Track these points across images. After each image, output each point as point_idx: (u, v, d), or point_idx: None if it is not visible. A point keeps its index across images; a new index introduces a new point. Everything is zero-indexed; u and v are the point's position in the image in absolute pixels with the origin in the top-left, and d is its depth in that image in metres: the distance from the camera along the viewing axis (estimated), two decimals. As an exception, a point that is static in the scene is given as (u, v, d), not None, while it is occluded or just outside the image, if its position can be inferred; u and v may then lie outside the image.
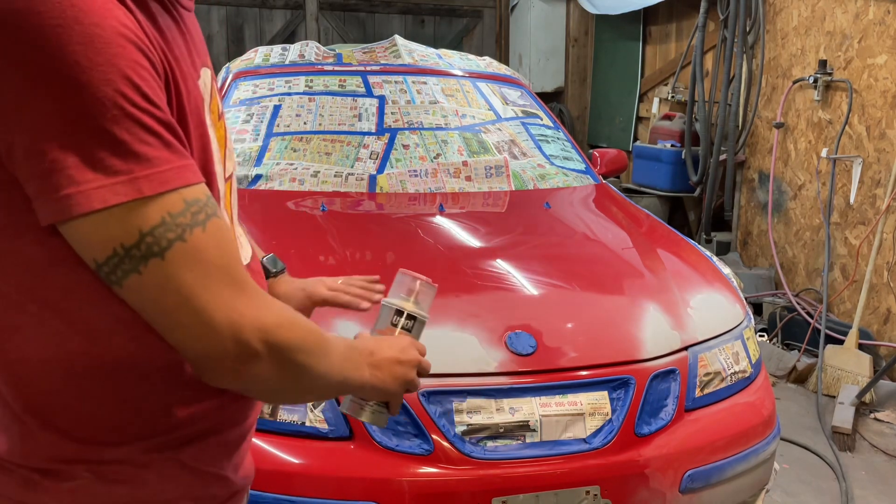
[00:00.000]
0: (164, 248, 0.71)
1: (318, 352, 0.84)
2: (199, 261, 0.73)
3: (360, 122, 2.96)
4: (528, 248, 2.42)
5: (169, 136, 0.72)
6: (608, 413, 1.86)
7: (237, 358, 0.76)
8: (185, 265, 0.72)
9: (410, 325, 1.09)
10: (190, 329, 0.74)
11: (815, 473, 3.01)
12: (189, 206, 0.73)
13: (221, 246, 0.75)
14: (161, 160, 0.71)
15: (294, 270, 2.17)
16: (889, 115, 3.76)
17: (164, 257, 0.71)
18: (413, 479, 1.73)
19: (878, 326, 3.84)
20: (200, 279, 0.73)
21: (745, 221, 5.04)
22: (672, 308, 2.09)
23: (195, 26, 0.89)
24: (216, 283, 0.74)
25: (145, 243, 0.70)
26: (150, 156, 0.70)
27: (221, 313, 0.74)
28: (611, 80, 6.57)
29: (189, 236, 0.72)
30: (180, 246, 0.72)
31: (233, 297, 0.75)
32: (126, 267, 0.71)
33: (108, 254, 0.70)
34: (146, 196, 0.70)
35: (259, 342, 0.76)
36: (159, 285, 0.72)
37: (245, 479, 0.97)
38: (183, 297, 0.72)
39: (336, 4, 7.10)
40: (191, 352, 0.76)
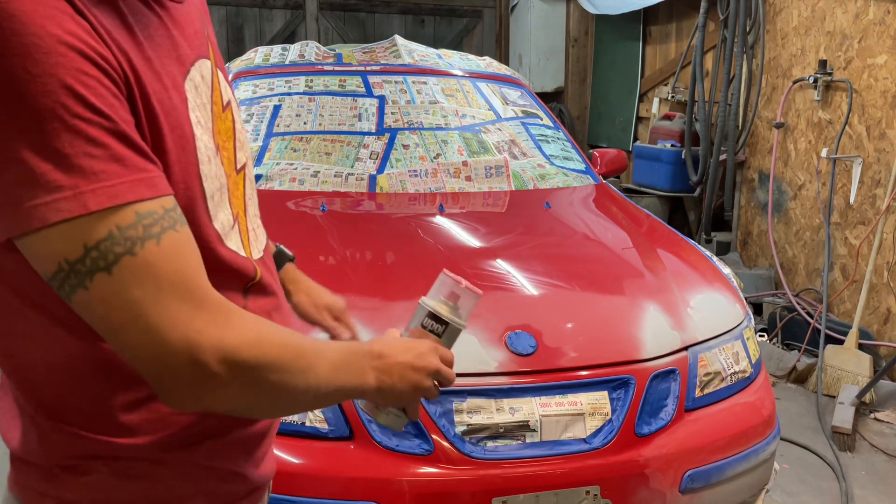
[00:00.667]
0: (110, 263, 0.68)
1: (296, 367, 0.78)
2: (151, 276, 0.69)
3: (360, 122, 2.96)
4: (528, 248, 2.42)
5: (120, 147, 0.69)
6: (608, 413, 1.86)
7: (194, 381, 0.72)
8: (134, 281, 0.68)
9: (441, 331, 1.01)
10: (142, 349, 0.70)
11: (815, 473, 3.01)
12: (141, 218, 0.69)
13: (178, 260, 0.71)
14: (109, 174, 0.68)
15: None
16: (889, 115, 3.76)
17: (110, 272, 0.68)
18: (413, 479, 1.73)
19: (878, 326, 3.84)
20: (152, 295, 0.69)
21: (745, 221, 5.04)
22: (672, 308, 2.09)
23: (188, 19, 0.86)
24: (171, 299, 0.70)
25: (90, 258, 0.67)
26: (95, 169, 0.67)
27: (176, 332, 0.70)
28: (611, 80, 6.57)
29: (140, 250, 0.68)
30: (128, 260, 0.68)
31: (191, 314, 0.70)
32: (72, 282, 0.68)
33: (54, 269, 0.68)
34: (92, 211, 0.67)
35: (218, 363, 0.71)
36: (106, 301, 0.68)
37: (265, 477, 0.97)
38: (132, 314, 0.69)
39: (336, 4, 7.10)
40: (145, 373, 0.72)
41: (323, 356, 0.83)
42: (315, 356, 0.82)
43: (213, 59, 0.89)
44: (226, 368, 0.72)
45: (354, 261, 2.23)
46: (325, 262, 2.21)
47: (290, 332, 0.81)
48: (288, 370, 0.77)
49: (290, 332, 0.81)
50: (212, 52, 0.90)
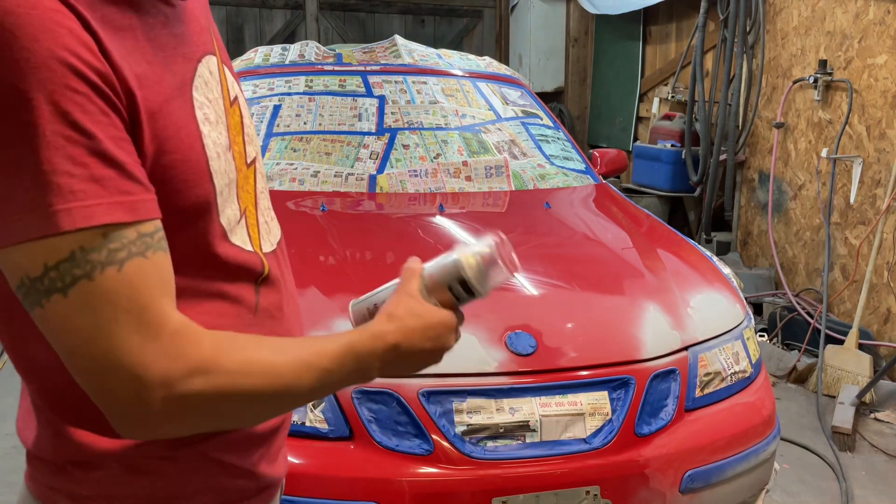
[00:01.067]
0: (67, 285, 0.67)
1: (259, 393, 0.76)
2: (106, 302, 0.67)
3: (360, 122, 2.96)
4: (528, 248, 2.41)
5: (101, 167, 0.68)
6: (608, 413, 1.86)
7: (140, 414, 0.70)
8: (88, 306, 0.67)
9: (466, 300, 0.93)
10: (89, 376, 0.69)
11: (815, 473, 3.01)
12: (108, 242, 0.67)
13: (138, 288, 0.69)
14: (85, 194, 0.66)
15: (294, 270, 2.18)
16: (889, 115, 3.76)
17: (66, 294, 0.67)
18: (413, 479, 1.73)
19: (879, 326, 3.84)
20: (104, 323, 0.68)
21: (745, 221, 5.04)
22: (672, 308, 2.09)
23: (193, 16, 0.86)
24: (122, 328, 0.68)
25: (49, 278, 0.67)
26: (72, 188, 0.66)
27: (123, 363, 0.68)
28: (611, 80, 6.57)
29: (98, 275, 0.67)
30: (85, 284, 0.67)
31: (142, 345, 0.69)
32: (31, 298, 0.68)
33: (16, 283, 0.68)
34: (61, 231, 0.66)
35: (163, 400, 0.70)
36: (58, 322, 0.68)
37: (277, 476, 0.96)
38: (81, 339, 0.68)
39: (336, 4, 7.10)
40: (94, 400, 0.71)
41: (313, 367, 0.79)
42: (298, 371, 0.78)
43: (219, 54, 0.90)
44: (171, 403, 0.70)
45: (354, 261, 2.23)
46: (325, 262, 2.21)
47: (264, 349, 0.78)
48: (250, 393, 0.75)
49: (263, 350, 0.78)
50: (217, 47, 0.90)
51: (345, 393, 1.78)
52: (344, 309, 2.09)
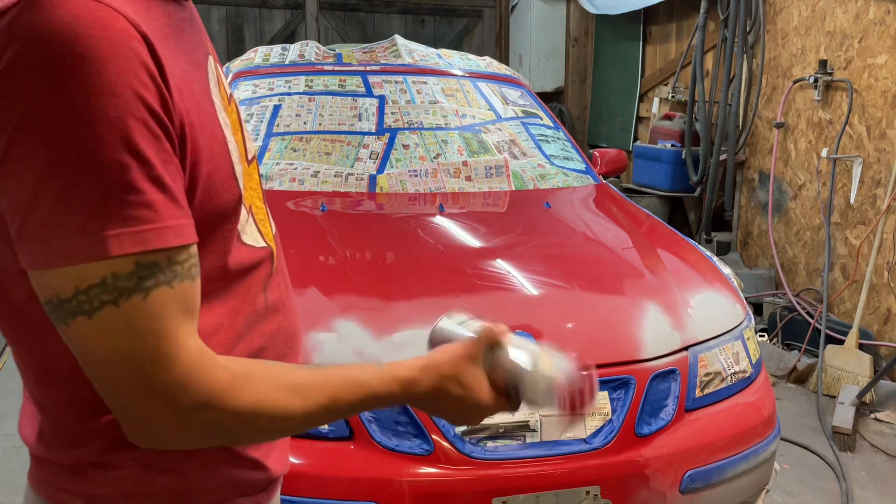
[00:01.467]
0: (93, 309, 0.68)
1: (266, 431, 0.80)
2: (126, 329, 0.69)
3: (360, 121, 2.96)
4: (529, 248, 2.41)
5: (154, 193, 0.69)
6: (608, 413, 1.86)
7: (150, 432, 0.74)
8: (109, 330, 0.69)
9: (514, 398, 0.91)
10: (105, 391, 0.72)
11: (815, 473, 3.01)
12: (139, 270, 0.69)
13: (159, 318, 0.70)
14: (137, 220, 0.68)
15: (294, 270, 2.18)
16: (889, 115, 3.76)
17: (90, 317, 0.69)
18: (413, 479, 1.73)
19: (879, 326, 3.84)
20: (122, 348, 0.69)
21: (745, 221, 5.04)
22: (672, 308, 2.09)
23: (195, 15, 0.87)
24: (139, 353, 0.70)
25: (77, 300, 0.68)
26: (126, 215, 0.67)
27: (137, 386, 0.71)
28: (611, 80, 6.57)
29: (124, 302, 0.69)
30: (110, 310, 0.68)
31: (155, 373, 0.71)
32: (57, 315, 0.69)
33: (45, 300, 0.70)
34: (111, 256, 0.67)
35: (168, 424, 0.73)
36: (80, 342, 0.70)
37: (283, 471, 0.97)
38: (100, 359, 0.70)
39: (336, 4, 7.10)
40: (110, 407, 0.74)
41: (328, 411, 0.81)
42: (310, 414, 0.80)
43: (213, 52, 0.90)
44: (180, 429, 0.74)
45: (354, 261, 2.23)
46: (325, 262, 2.21)
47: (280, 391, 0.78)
48: (257, 431, 0.79)
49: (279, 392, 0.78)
50: (210, 45, 0.91)
51: (345, 393, 1.78)
52: (344, 309, 2.09)
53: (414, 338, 1.87)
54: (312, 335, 1.87)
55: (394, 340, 1.86)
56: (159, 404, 0.72)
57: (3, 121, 0.65)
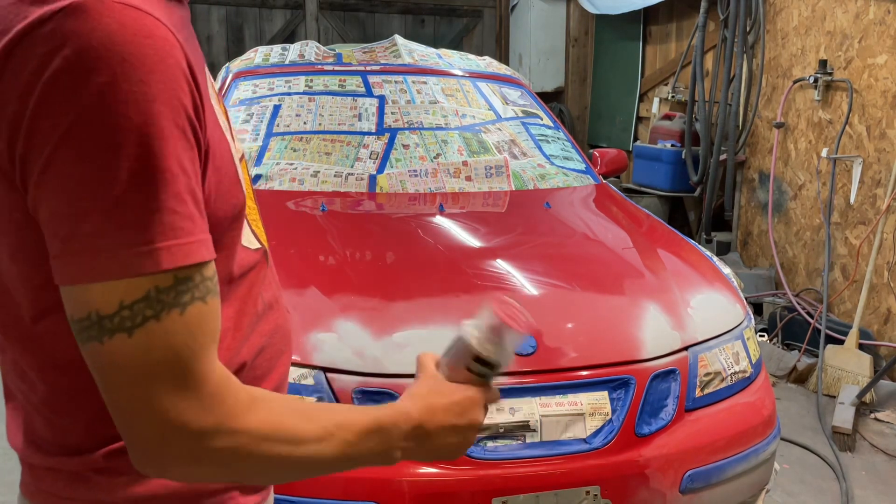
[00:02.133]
0: (136, 325, 0.66)
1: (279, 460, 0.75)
2: (164, 345, 0.67)
3: (359, 121, 2.96)
4: (529, 248, 2.41)
5: (193, 205, 0.68)
6: (608, 413, 1.86)
7: (159, 458, 0.70)
8: (147, 347, 0.67)
9: (489, 373, 0.91)
10: (123, 412, 0.69)
11: (815, 473, 3.01)
12: (178, 283, 0.67)
13: (193, 334, 0.69)
14: (184, 231, 0.67)
15: (294, 270, 2.18)
16: (889, 115, 3.76)
17: (131, 334, 0.66)
18: (413, 479, 1.73)
19: (879, 326, 3.84)
20: (154, 365, 0.67)
21: (745, 221, 5.04)
22: (672, 308, 2.09)
23: None
24: (169, 373, 0.68)
25: (120, 316, 0.66)
26: (174, 226, 0.66)
27: (161, 405, 0.68)
28: (611, 80, 6.57)
29: (165, 316, 0.67)
30: (152, 325, 0.67)
31: (182, 392, 0.68)
32: (90, 333, 0.66)
33: (81, 316, 0.67)
34: (162, 270, 0.66)
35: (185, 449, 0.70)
36: (112, 360, 0.67)
37: None
38: (128, 377, 0.67)
39: (336, 4, 7.10)
40: (120, 431, 0.71)
41: (336, 438, 0.79)
42: (321, 441, 0.78)
43: None
44: (194, 455, 0.71)
45: (354, 261, 2.23)
46: (325, 262, 2.21)
47: (294, 415, 0.77)
48: (271, 459, 0.75)
49: (293, 416, 0.77)
50: None
51: (345, 392, 1.78)
52: (344, 309, 2.09)
53: (414, 338, 1.87)
54: (312, 335, 1.87)
55: (394, 340, 1.86)
56: (179, 430, 0.69)
57: (48, 129, 0.64)
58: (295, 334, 1.87)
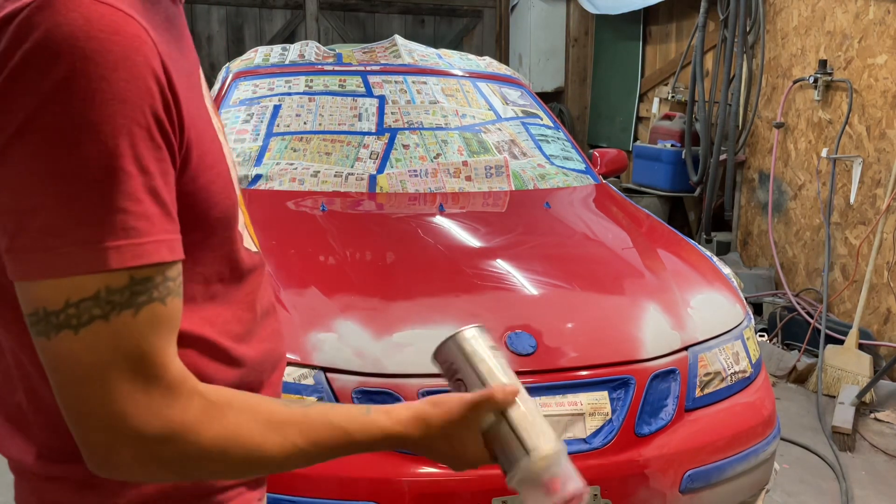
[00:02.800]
0: (81, 324, 0.65)
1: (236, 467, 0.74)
2: (112, 346, 0.66)
3: (360, 122, 2.96)
4: (528, 247, 2.41)
5: (152, 205, 0.67)
6: (608, 413, 1.86)
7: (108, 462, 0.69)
8: (93, 347, 0.65)
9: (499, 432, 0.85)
10: (70, 413, 0.68)
11: (815, 473, 3.01)
12: (134, 284, 0.66)
13: (147, 337, 0.67)
14: (137, 231, 0.65)
15: (294, 270, 2.18)
16: (889, 115, 3.76)
17: (77, 332, 0.65)
18: (413, 479, 1.73)
19: (879, 326, 3.84)
20: (102, 366, 0.66)
21: (745, 221, 5.04)
22: (672, 308, 2.09)
23: (184, 20, 0.85)
24: (118, 374, 0.66)
25: (66, 314, 0.65)
26: (126, 225, 0.65)
27: (107, 408, 0.66)
28: (611, 80, 6.57)
29: (114, 318, 0.65)
30: (99, 325, 0.65)
31: (130, 394, 0.67)
32: (40, 328, 0.66)
33: (29, 311, 0.66)
34: (110, 269, 0.64)
35: (130, 454, 0.68)
36: (60, 357, 0.66)
37: None
38: (75, 377, 0.66)
39: (336, 4, 7.10)
40: (73, 433, 0.69)
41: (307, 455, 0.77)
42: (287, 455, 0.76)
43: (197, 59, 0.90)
44: (141, 460, 0.69)
45: (354, 260, 2.23)
46: (325, 262, 2.21)
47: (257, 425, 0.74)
48: (226, 466, 0.73)
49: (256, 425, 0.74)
50: None
51: (344, 392, 1.78)
52: (344, 309, 2.09)
53: (414, 338, 1.87)
54: (312, 335, 1.87)
55: (394, 340, 1.86)
56: (123, 434, 0.67)
57: (5, 121, 0.63)
58: (295, 334, 1.87)
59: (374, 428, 0.81)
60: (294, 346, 1.83)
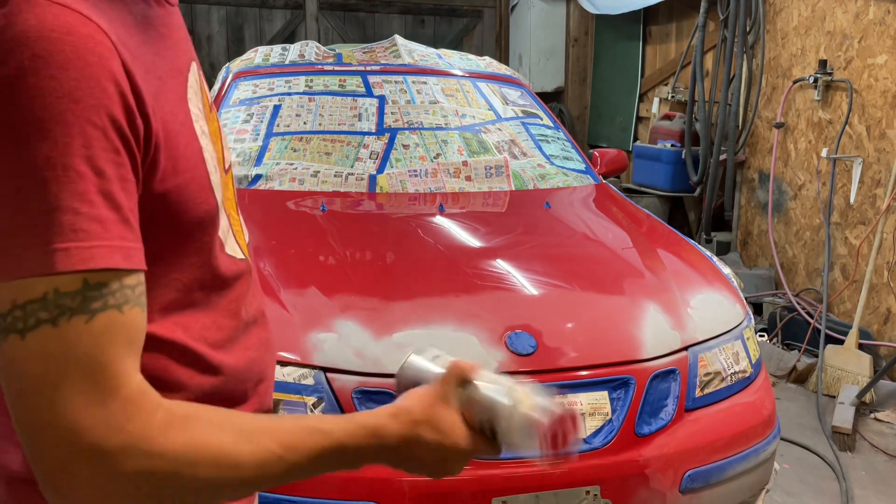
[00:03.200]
0: (27, 328, 0.62)
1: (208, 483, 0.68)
2: (62, 353, 0.62)
3: (360, 121, 2.96)
4: (528, 247, 2.41)
5: (105, 209, 0.64)
6: (608, 413, 1.86)
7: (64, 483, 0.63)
8: (42, 353, 0.62)
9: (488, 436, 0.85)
10: (22, 428, 0.63)
11: (815, 473, 3.01)
12: (88, 289, 0.63)
13: (101, 345, 0.63)
14: (87, 234, 0.63)
15: (294, 270, 2.18)
16: (889, 115, 3.76)
17: (23, 336, 0.62)
18: (413, 479, 1.73)
19: (878, 326, 3.84)
20: (53, 376, 0.62)
21: (745, 221, 5.04)
22: (672, 308, 2.09)
23: (180, 21, 0.84)
24: (71, 385, 0.62)
25: (12, 316, 0.62)
26: (75, 227, 0.62)
27: (61, 421, 0.62)
28: (611, 80, 6.57)
29: (64, 323, 0.62)
30: (46, 330, 0.62)
31: (85, 406, 0.62)
32: None
33: None
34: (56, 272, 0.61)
35: (87, 472, 0.63)
36: (8, 364, 0.62)
37: None
38: (25, 387, 0.62)
39: (336, 4, 7.10)
40: (25, 450, 0.64)
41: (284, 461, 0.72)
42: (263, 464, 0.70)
43: (196, 59, 0.88)
44: (99, 479, 0.63)
45: (354, 260, 2.23)
46: (325, 262, 2.21)
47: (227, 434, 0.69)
48: (196, 483, 0.67)
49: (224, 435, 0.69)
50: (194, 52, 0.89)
51: (344, 392, 1.78)
52: (344, 309, 2.09)
53: (414, 338, 1.87)
54: (312, 335, 1.87)
55: (394, 340, 1.86)
56: (80, 449, 0.62)
57: None
58: (295, 334, 1.87)
59: (353, 424, 0.77)
60: (294, 346, 1.83)
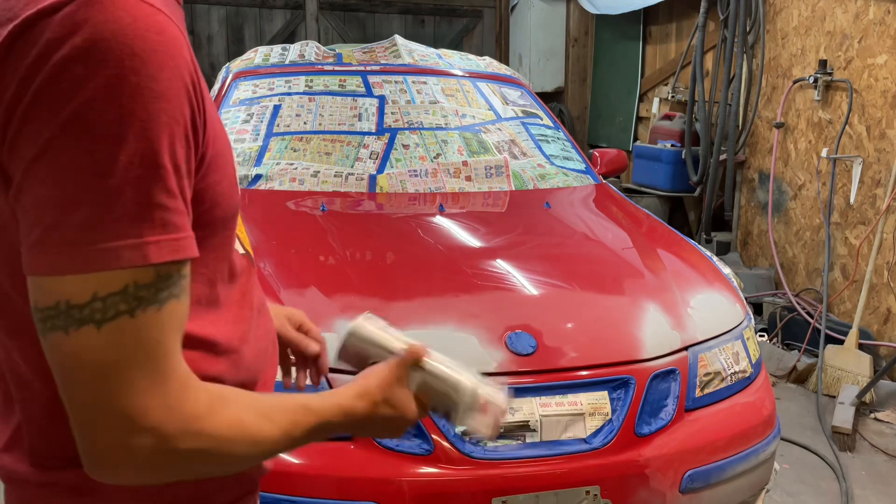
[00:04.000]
0: (107, 318, 0.64)
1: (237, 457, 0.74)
2: (135, 342, 0.66)
3: (360, 121, 2.96)
4: (528, 247, 2.41)
5: (183, 202, 0.68)
6: (608, 413, 1.86)
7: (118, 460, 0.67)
8: (116, 343, 0.65)
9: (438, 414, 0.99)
10: (83, 411, 0.66)
11: (815, 473, 3.01)
12: (159, 280, 0.66)
13: (167, 332, 0.68)
14: (175, 227, 0.67)
15: (294, 270, 2.18)
16: (889, 115, 3.76)
17: (100, 327, 0.64)
18: (413, 479, 1.73)
19: (878, 326, 3.84)
20: (122, 362, 0.65)
21: (745, 221, 5.04)
22: (672, 308, 2.09)
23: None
24: (138, 371, 0.66)
25: (91, 308, 0.64)
26: (165, 221, 0.66)
27: (126, 403, 0.66)
28: (611, 80, 6.57)
29: (140, 313, 0.66)
30: (125, 321, 0.65)
31: (149, 390, 0.67)
32: (55, 322, 0.64)
33: (49, 304, 0.64)
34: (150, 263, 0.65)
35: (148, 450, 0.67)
36: (77, 353, 0.65)
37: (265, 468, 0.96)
38: (92, 374, 0.65)
39: (336, 4, 7.10)
40: (78, 434, 0.68)
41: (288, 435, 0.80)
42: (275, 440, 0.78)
43: None
44: (158, 456, 0.68)
45: (354, 260, 2.23)
46: (325, 262, 2.21)
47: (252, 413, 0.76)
48: (230, 457, 0.74)
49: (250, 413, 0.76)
50: None
51: (345, 393, 1.78)
52: (344, 309, 2.09)
53: (414, 338, 1.87)
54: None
55: (394, 340, 1.86)
56: (143, 429, 0.66)
57: (48, 115, 0.63)
58: (295, 334, 1.87)
59: (334, 405, 0.86)
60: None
